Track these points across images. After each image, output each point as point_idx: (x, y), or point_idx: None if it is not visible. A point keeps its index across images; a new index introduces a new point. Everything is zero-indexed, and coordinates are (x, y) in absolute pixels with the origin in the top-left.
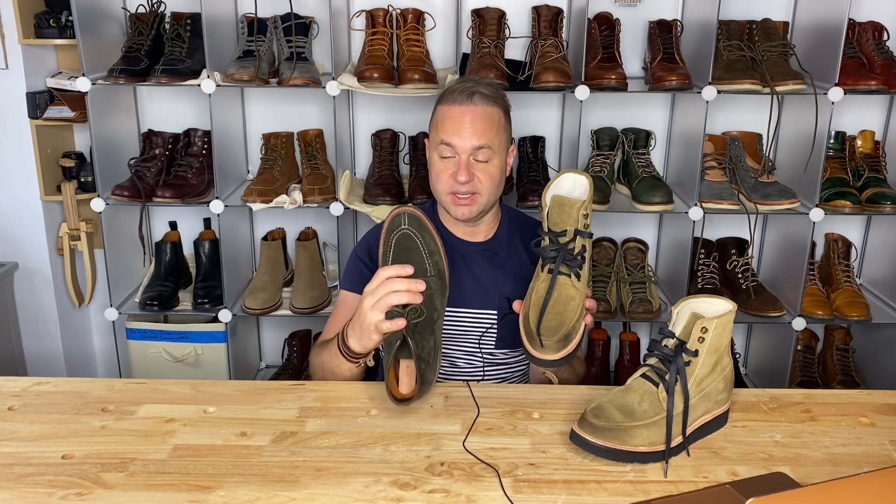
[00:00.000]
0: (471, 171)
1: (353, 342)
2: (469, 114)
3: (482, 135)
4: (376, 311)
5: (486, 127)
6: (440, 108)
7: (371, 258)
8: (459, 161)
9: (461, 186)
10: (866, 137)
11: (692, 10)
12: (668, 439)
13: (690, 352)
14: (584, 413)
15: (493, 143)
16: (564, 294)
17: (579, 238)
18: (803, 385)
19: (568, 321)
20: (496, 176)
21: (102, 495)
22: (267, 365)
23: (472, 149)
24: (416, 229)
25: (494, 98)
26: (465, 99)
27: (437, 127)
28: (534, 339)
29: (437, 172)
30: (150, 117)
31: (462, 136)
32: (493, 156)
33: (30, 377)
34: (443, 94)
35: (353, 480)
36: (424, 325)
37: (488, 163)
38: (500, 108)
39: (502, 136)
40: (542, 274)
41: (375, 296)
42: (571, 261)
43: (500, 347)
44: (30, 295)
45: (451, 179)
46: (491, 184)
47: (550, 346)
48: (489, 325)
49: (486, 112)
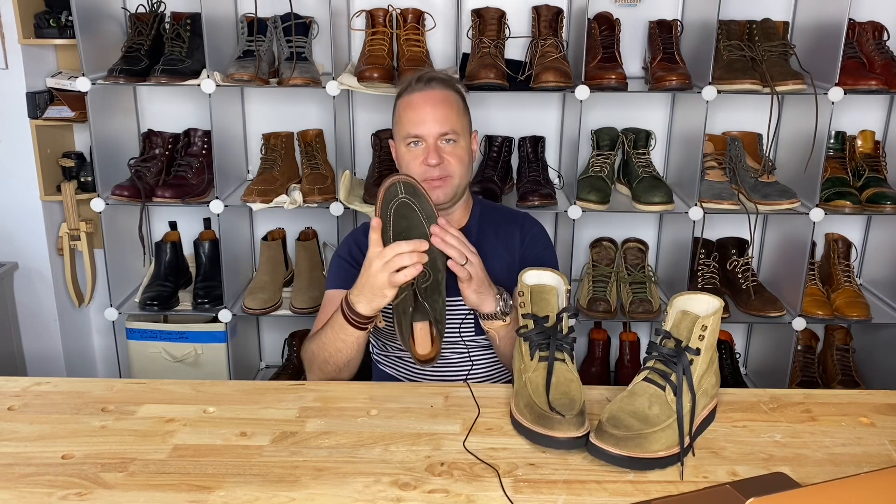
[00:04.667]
0: (440, 154)
1: (363, 306)
2: (429, 100)
3: (445, 120)
4: (386, 271)
5: (447, 111)
6: (400, 102)
7: (352, 257)
8: (427, 146)
9: (433, 170)
10: (866, 137)
11: (692, 10)
12: (681, 441)
13: (693, 350)
14: (601, 423)
15: (456, 126)
16: (564, 378)
17: (565, 317)
18: (803, 385)
19: (577, 398)
20: (464, 157)
21: (102, 495)
22: (267, 365)
23: (438, 135)
24: (412, 196)
25: (450, 83)
26: (423, 86)
27: (399, 121)
28: (547, 419)
29: (407, 162)
30: (150, 117)
31: (426, 124)
32: (458, 138)
33: (30, 377)
34: (400, 89)
35: (353, 480)
36: (433, 287)
37: (455, 145)
38: (457, 94)
39: (464, 120)
40: (533, 363)
41: (383, 258)
42: (562, 342)
43: (480, 333)
44: (30, 295)
45: (422, 165)
46: (460, 165)
47: (572, 421)
48: (467, 311)
49: (445, 96)
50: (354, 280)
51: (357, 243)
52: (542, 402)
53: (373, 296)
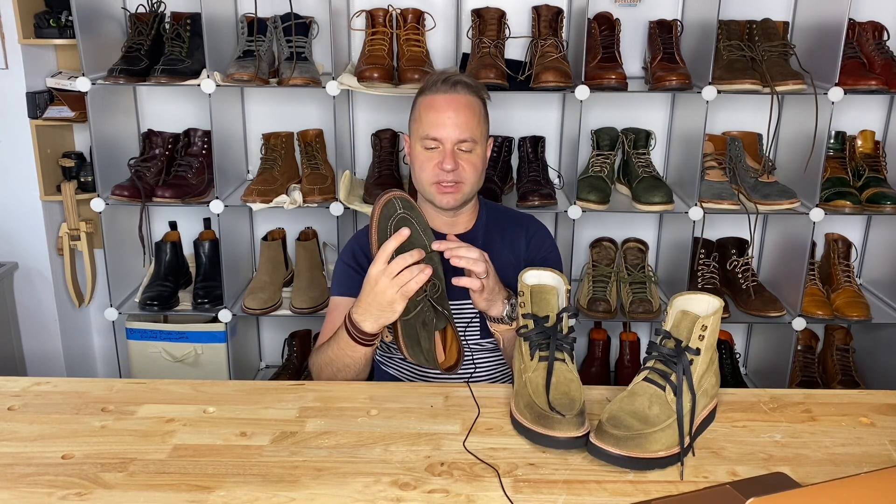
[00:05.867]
0: (456, 160)
1: (369, 324)
2: (453, 103)
3: (465, 127)
4: (395, 285)
5: (469, 117)
6: (422, 100)
7: (357, 262)
8: (444, 150)
9: (447, 175)
10: (866, 137)
11: (692, 10)
12: (681, 441)
13: (693, 350)
14: (601, 423)
15: (476, 134)
16: (564, 378)
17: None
18: (803, 385)
19: (577, 398)
20: (479, 166)
21: (102, 495)
22: (267, 365)
23: (457, 140)
24: (409, 210)
25: (476, 89)
26: (448, 88)
27: (419, 119)
28: (547, 418)
29: (422, 163)
30: (150, 117)
31: (446, 128)
32: (475, 147)
33: (30, 377)
34: (423, 85)
35: (353, 480)
36: (442, 296)
37: (472, 153)
38: (481, 100)
39: (483, 127)
40: (533, 363)
41: (390, 273)
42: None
43: (485, 337)
44: (30, 295)
45: (436, 168)
46: (474, 173)
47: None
48: (472, 315)
49: (469, 102)
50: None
51: (361, 247)
52: (542, 401)
53: (381, 312)
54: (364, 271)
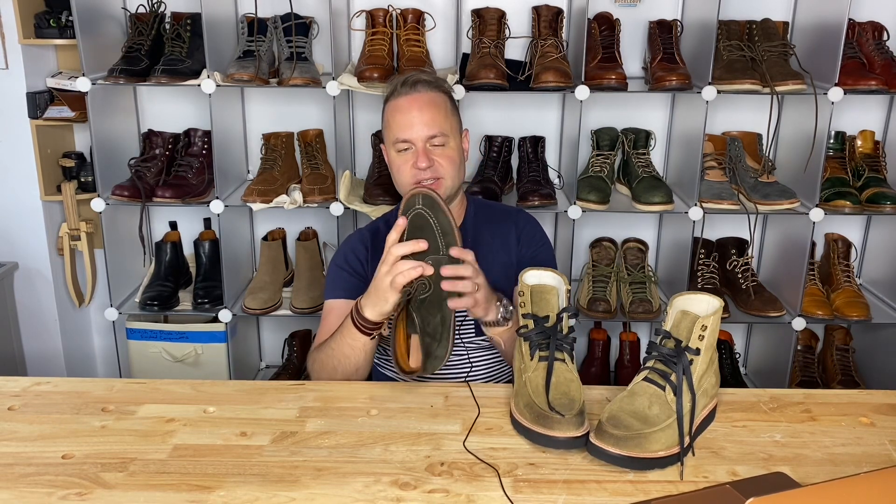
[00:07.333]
0: (430, 157)
1: (369, 311)
2: (416, 103)
3: (432, 123)
4: (390, 274)
5: (435, 113)
6: (387, 106)
7: (349, 265)
8: (417, 150)
9: (424, 173)
10: (866, 137)
11: (692, 10)
12: (681, 441)
13: (693, 350)
14: (601, 423)
15: (444, 127)
16: (563, 378)
17: (565, 317)
18: (803, 385)
19: (577, 398)
20: (455, 158)
21: (102, 495)
22: (267, 365)
23: (426, 137)
24: (430, 209)
25: (437, 84)
26: (408, 89)
27: (388, 126)
28: (547, 418)
29: (398, 167)
30: (150, 117)
31: (414, 127)
32: (447, 140)
33: (30, 377)
34: (387, 93)
35: (353, 480)
36: (432, 302)
37: (445, 147)
38: (444, 94)
39: (452, 120)
40: (533, 363)
41: (387, 262)
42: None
43: (480, 334)
44: (30, 295)
45: (413, 169)
46: (451, 166)
47: (571, 421)
48: (465, 313)
49: (431, 98)
50: (353, 288)
51: (353, 251)
52: (541, 401)
53: (377, 299)
54: (357, 273)
